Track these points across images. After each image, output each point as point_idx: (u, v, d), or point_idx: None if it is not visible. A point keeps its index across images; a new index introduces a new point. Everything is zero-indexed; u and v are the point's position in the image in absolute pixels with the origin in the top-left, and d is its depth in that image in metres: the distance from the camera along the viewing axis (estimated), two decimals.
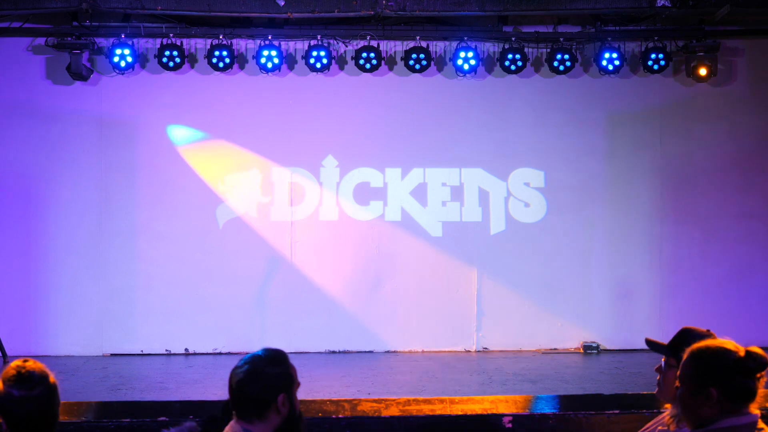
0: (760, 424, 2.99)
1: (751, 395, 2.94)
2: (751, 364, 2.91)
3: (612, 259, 9.62)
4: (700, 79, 9.34)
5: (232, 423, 3.14)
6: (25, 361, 2.99)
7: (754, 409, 2.97)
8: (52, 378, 2.99)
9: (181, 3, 8.68)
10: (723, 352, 2.96)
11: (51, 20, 9.19)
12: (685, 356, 3.04)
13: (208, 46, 9.15)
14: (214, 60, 9.06)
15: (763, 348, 3.00)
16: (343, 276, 9.47)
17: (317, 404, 6.79)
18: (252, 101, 9.46)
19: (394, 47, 9.48)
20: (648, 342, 3.78)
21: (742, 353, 2.94)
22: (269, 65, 9.12)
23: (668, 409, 3.61)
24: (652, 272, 9.64)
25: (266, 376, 3.05)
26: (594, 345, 9.44)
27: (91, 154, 9.33)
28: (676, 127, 9.69)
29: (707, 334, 3.58)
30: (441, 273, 9.53)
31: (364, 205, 9.55)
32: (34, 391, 2.89)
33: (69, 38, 8.96)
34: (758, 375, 2.95)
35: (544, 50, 9.47)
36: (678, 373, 3.05)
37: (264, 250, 9.44)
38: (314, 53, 9.10)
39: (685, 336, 3.64)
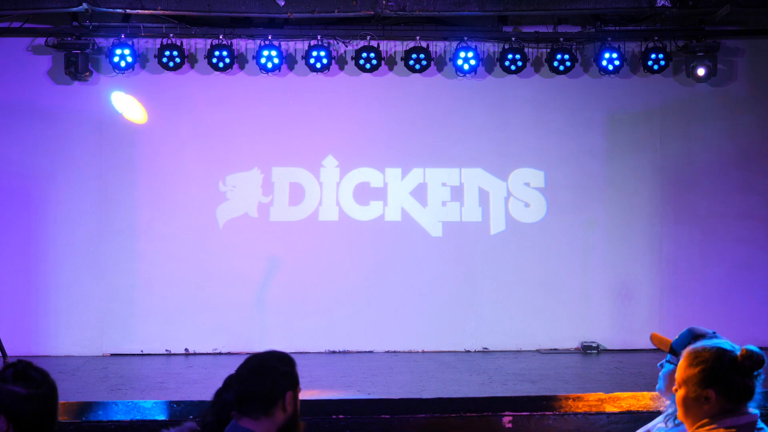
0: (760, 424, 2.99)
1: (750, 394, 2.94)
2: (747, 363, 2.91)
3: (612, 259, 9.62)
4: (700, 79, 9.34)
5: (233, 423, 3.15)
6: (20, 361, 2.99)
7: (754, 409, 2.97)
8: (49, 375, 3.00)
9: (181, 3, 8.68)
10: (719, 353, 2.96)
11: (51, 20, 9.19)
12: (682, 358, 3.05)
13: (208, 46, 9.15)
14: (214, 60, 9.06)
15: (762, 348, 3.00)
16: (343, 276, 9.46)
17: (317, 404, 6.79)
18: (252, 101, 9.46)
19: (394, 47, 9.48)
20: (654, 340, 3.77)
21: (738, 352, 2.95)
22: (269, 65, 9.12)
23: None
24: (652, 272, 9.64)
25: (276, 371, 3.13)
26: (594, 345, 9.44)
27: (91, 154, 9.33)
28: (676, 127, 9.69)
29: (712, 336, 3.58)
30: (441, 273, 9.53)
31: (364, 205, 9.54)
32: (41, 389, 2.89)
33: (69, 38, 8.96)
34: (755, 373, 2.95)
35: (544, 50, 9.47)
36: (675, 374, 3.06)
37: (264, 250, 9.44)
38: (314, 53, 9.10)
39: (689, 336, 3.64)
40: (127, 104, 9.19)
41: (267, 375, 3.11)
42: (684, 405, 3.00)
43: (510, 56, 9.24)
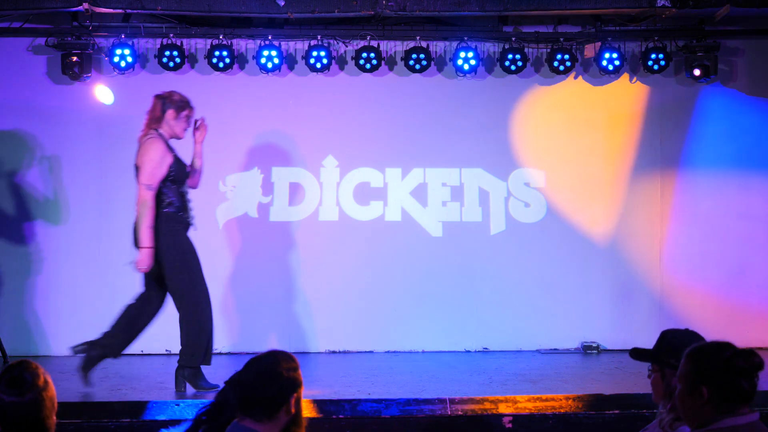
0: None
1: (744, 396, 2.93)
2: (741, 364, 2.92)
3: (612, 259, 9.61)
4: (697, 79, 9.34)
5: (234, 423, 3.15)
6: (21, 363, 2.98)
7: (752, 410, 2.97)
8: (43, 380, 2.97)
9: (181, 3, 8.68)
10: (716, 352, 2.97)
11: (51, 20, 9.18)
12: (684, 356, 3.07)
13: (208, 46, 9.15)
14: (214, 60, 9.06)
15: (763, 349, 3.01)
16: (343, 276, 9.46)
17: (317, 404, 6.79)
18: (252, 101, 9.45)
19: (394, 47, 9.47)
20: (634, 354, 3.82)
21: (734, 353, 2.95)
22: (269, 65, 9.12)
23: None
24: (652, 272, 9.63)
25: (282, 377, 3.11)
26: (594, 345, 9.43)
27: (91, 154, 9.32)
28: (676, 127, 9.69)
29: (686, 332, 3.61)
30: (441, 273, 9.53)
31: (364, 205, 9.54)
32: (24, 397, 2.88)
33: (69, 38, 8.96)
34: (752, 376, 2.95)
35: (544, 50, 9.46)
36: (678, 372, 3.08)
37: (264, 250, 9.44)
38: (314, 53, 9.09)
39: (662, 339, 3.69)
40: (107, 94, 9.15)
41: (273, 381, 3.10)
42: (681, 401, 3.03)
43: (510, 56, 9.24)
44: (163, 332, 9.31)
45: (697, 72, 9.27)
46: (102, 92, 9.11)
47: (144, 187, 7.20)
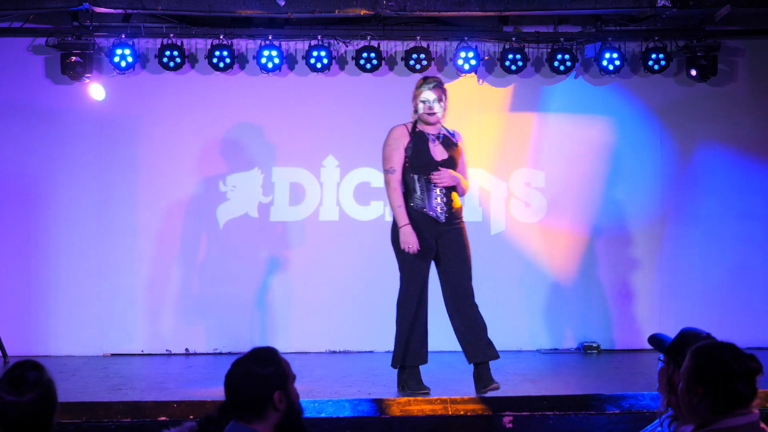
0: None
1: (740, 399, 2.93)
2: (737, 368, 2.91)
3: (612, 259, 9.61)
4: (694, 79, 9.34)
5: (232, 423, 3.17)
6: (24, 363, 2.99)
7: (751, 410, 2.97)
8: (44, 380, 2.98)
9: (181, 3, 8.68)
10: (715, 353, 2.98)
11: (51, 20, 9.18)
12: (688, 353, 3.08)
13: (209, 46, 9.14)
14: (215, 60, 9.06)
15: (763, 349, 3.01)
16: (344, 276, 9.46)
17: (317, 404, 6.80)
18: (252, 101, 9.45)
19: (395, 47, 9.47)
20: (651, 340, 3.80)
21: (733, 356, 2.95)
22: (270, 65, 9.11)
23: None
24: (652, 272, 9.64)
25: (258, 376, 3.14)
26: (594, 345, 9.43)
27: (91, 154, 9.32)
28: (676, 127, 9.69)
29: (705, 336, 3.61)
30: None
31: (364, 205, 9.54)
32: (24, 397, 2.89)
33: (69, 38, 8.96)
34: (749, 379, 2.94)
35: (545, 50, 9.46)
36: (664, 373, 3.10)
37: (264, 250, 9.44)
38: (315, 53, 9.09)
39: (678, 334, 3.69)
40: (99, 91, 9.13)
41: (249, 383, 3.14)
42: (681, 397, 3.04)
43: (510, 56, 9.24)
44: (163, 332, 9.36)
45: (693, 72, 9.27)
46: (94, 89, 9.12)
47: (383, 171, 7.30)
